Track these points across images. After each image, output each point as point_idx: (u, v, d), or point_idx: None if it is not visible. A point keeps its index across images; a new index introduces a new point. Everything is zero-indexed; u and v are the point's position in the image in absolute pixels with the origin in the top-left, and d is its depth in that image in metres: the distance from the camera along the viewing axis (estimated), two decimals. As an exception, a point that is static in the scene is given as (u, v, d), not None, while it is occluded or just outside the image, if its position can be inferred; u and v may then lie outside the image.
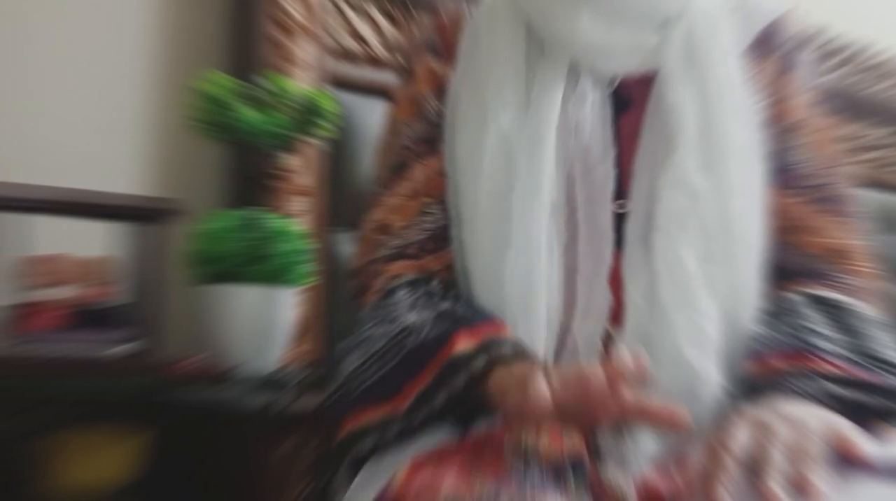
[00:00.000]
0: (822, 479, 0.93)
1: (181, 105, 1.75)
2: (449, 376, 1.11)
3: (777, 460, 0.95)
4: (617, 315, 1.17)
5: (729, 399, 1.12)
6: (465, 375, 1.10)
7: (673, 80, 1.21)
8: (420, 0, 2.06)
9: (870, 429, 1.05)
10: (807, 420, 1.01)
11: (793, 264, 1.22)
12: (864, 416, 1.06)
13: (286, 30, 1.94)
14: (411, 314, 1.19)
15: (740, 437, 0.98)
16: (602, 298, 1.18)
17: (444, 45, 1.33)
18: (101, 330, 1.58)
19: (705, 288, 1.14)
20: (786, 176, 1.24)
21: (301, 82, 1.91)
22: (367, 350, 1.18)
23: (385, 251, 1.29)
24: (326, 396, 1.24)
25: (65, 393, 1.52)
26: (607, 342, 1.16)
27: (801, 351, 1.13)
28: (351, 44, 2.04)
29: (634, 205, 1.20)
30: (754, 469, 0.95)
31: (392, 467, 1.06)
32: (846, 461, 0.99)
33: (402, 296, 1.22)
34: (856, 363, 1.12)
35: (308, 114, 1.72)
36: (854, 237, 1.27)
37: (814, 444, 0.97)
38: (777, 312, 1.18)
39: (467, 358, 1.11)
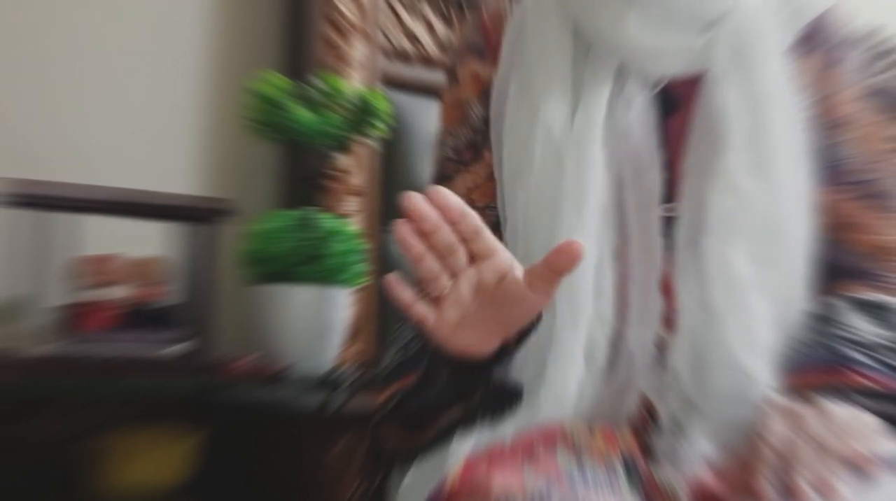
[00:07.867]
0: (843, 481, 0.95)
1: (236, 105, 1.76)
2: None
3: (806, 457, 0.97)
4: (670, 320, 1.15)
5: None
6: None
7: (720, 82, 1.19)
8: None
9: None
10: (837, 413, 1.03)
11: (841, 263, 1.21)
12: None
13: (340, 30, 1.94)
14: None
15: (776, 428, 1.00)
16: (654, 303, 1.16)
17: (489, 46, 1.31)
18: (154, 330, 1.59)
19: (757, 290, 1.13)
20: (833, 172, 1.22)
21: (354, 82, 1.91)
22: None
23: None
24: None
25: (118, 393, 1.53)
26: (661, 347, 1.15)
27: (836, 365, 1.12)
28: (404, 44, 2.04)
29: (684, 209, 1.18)
30: (785, 464, 0.97)
31: (443, 464, 1.06)
32: (866, 459, 0.99)
33: None
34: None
35: (361, 115, 1.72)
36: None
37: (838, 441, 0.99)
38: (819, 318, 1.17)
39: None
